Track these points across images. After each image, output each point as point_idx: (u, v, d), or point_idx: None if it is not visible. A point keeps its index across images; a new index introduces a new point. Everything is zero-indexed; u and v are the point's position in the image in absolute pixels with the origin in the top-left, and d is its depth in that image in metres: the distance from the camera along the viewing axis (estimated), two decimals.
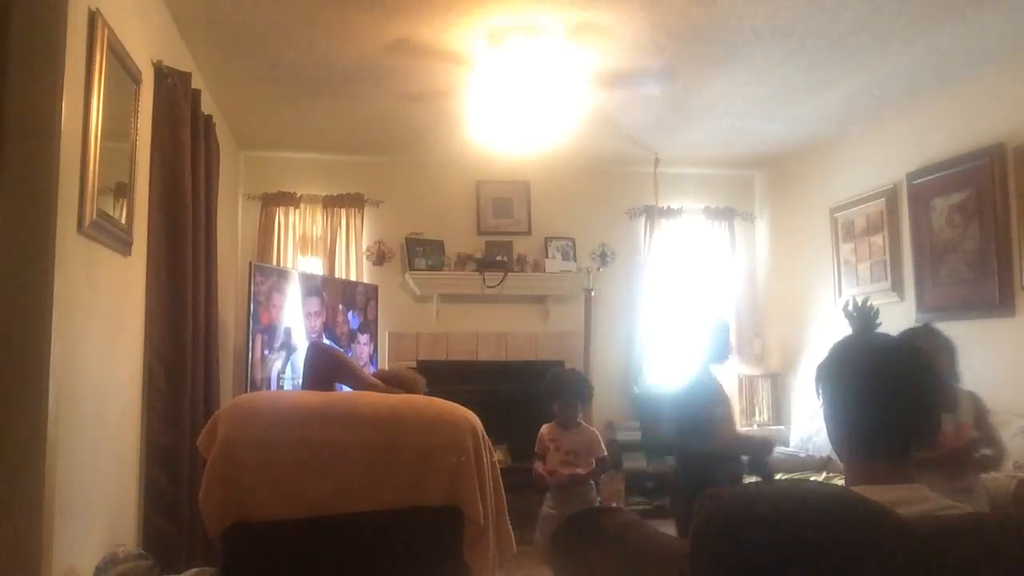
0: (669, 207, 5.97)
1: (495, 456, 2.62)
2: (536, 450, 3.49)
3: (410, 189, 5.76)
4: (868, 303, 1.34)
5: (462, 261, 5.63)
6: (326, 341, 4.63)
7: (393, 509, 2.35)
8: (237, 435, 2.32)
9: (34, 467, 1.96)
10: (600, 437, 3.55)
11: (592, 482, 3.47)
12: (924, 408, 1.26)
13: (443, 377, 5.27)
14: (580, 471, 3.36)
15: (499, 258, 5.65)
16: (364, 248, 5.60)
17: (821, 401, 1.33)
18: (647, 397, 5.63)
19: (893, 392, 1.25)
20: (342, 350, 4.56)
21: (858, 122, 4.86)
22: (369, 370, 4.48)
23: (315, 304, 4.70)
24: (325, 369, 2.75)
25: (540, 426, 3.54)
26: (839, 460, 1.33)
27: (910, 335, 2.61)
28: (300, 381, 3.39)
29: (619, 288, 5.88)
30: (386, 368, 4.92)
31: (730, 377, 5.91)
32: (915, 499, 1.17)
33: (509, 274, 5.55)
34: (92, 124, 2.28)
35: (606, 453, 3.54)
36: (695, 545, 1.05)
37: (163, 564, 2.56)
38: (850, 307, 1.34)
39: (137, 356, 2.93)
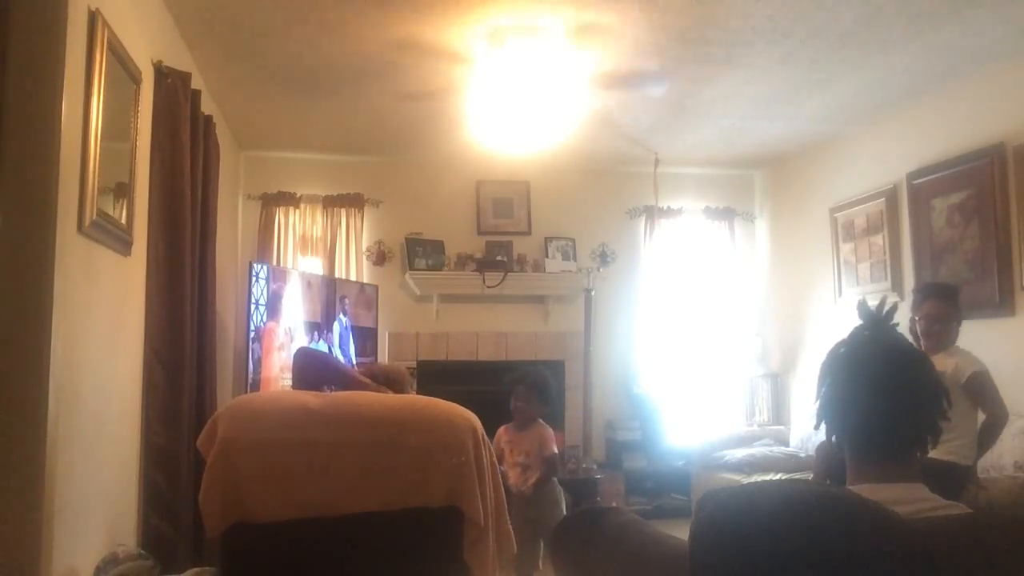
0: (669, 207, 5.97)
1: (495, 456, 2.62)
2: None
3: (410, 189, 5.76)
4: (884, 301, 1.30)
5: (462, 261, 5.63)
6: (316, 344, 4.63)
7: (393, 509, 2.35)
8: (237, 435, 2.32)
9: (34, 467, 1.96)
10: (553, 436, 3.43)
11: (555, 479, 3.39)
12: (931, 412, 1.25)
13: (443, 377, 5.30)
14: (530, 479, 3.27)
15: (499, 258, 5.65)
16: (364, 248, 5.60)
17: (824, 393, 1.30)
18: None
19: (903, 392, 1.24)
20: (329, 352, 4.56)
21: (858, 122, 4.86)
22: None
23: (308, 304, 4.69)
24: (312, 374, 2.76)
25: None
26: (841, 456, 1.29)
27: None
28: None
29: (619, 288, 5.88)
30: (373, 364, 4.91)
31: (731, 376, 5.93)
32: (914, 498, 1.17)
33: (509, 274, 5.55)
34: (92, 124, 2.27)
35: (556, 451, 3.41)
36: (695, 545, 1.05)
37: (163, 564, 2.56)
38: (864, 301, 1.31)
39: (137, 356, 2.93)
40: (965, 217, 4.11)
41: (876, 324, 1.29)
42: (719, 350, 5.97)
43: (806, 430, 5.19)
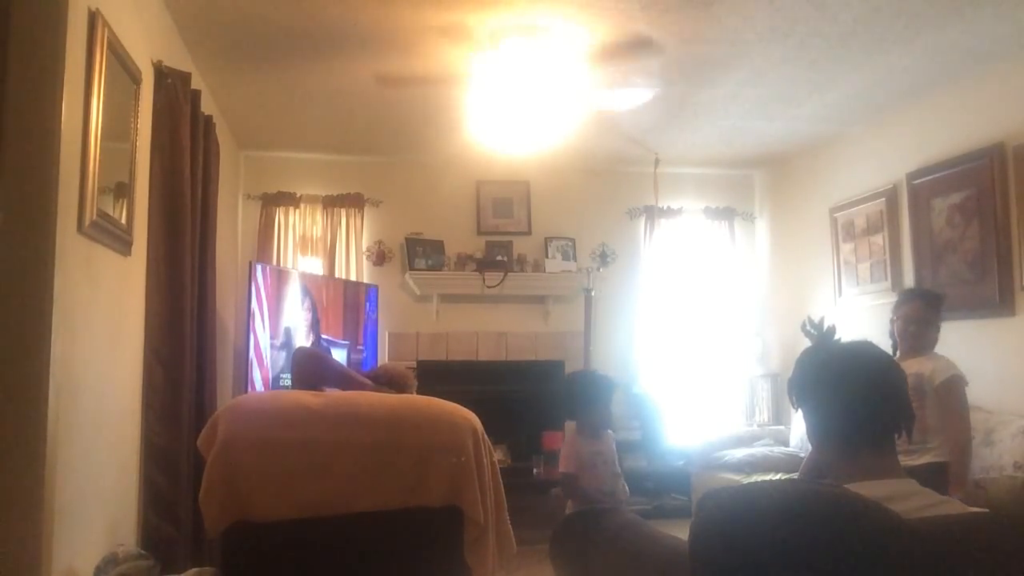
0: (669, 207, 5.97)
1: (495, 456, 2.62)
2: (569, 470, 2.91)
3: (410, 189, 5.76)
4: (823, 320, 1.40)
5: (462, 261, 5.63)
6: (310, 344, 4.63)
7: (393, 509, 2.35)
8: (237, 435, 2.32)
9: (34, 467, 1.96)
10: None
11: None
12: (899, 401, 1.31)
13: (443, 377, 5.29)
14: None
15: (499, 258, 5.65)
16: (364, 248, 5.60)
17: (800, 409, 1.39)
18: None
19: (869, 387, 1.30)
20: (328, 353, 4.56)
21: (858, 122, 4.86)
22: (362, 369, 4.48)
23: (307, 304, 4.70)
24: (311, 374, 2.76)
25: (540, 426, 3.40)
26: (826, 461, 1.36)
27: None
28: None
29: (619, 288, 5.88)
30: (378, 366, 4.91)
31: (731, 376, 5.93)
32: (907, 493, 1.18)
33: (509, 274, 5.55)
34: (92, 124, 2.28)
35: None
36: (695, 545, 1.05)
37: (163, 564, 2.56)
38: (808, 326, 1.41)
39: (137, 356, 2.93)
40: (965, 217, 4.10)
41: (827, 336, 1.38)
42: (719, 350, 5.97)
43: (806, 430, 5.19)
